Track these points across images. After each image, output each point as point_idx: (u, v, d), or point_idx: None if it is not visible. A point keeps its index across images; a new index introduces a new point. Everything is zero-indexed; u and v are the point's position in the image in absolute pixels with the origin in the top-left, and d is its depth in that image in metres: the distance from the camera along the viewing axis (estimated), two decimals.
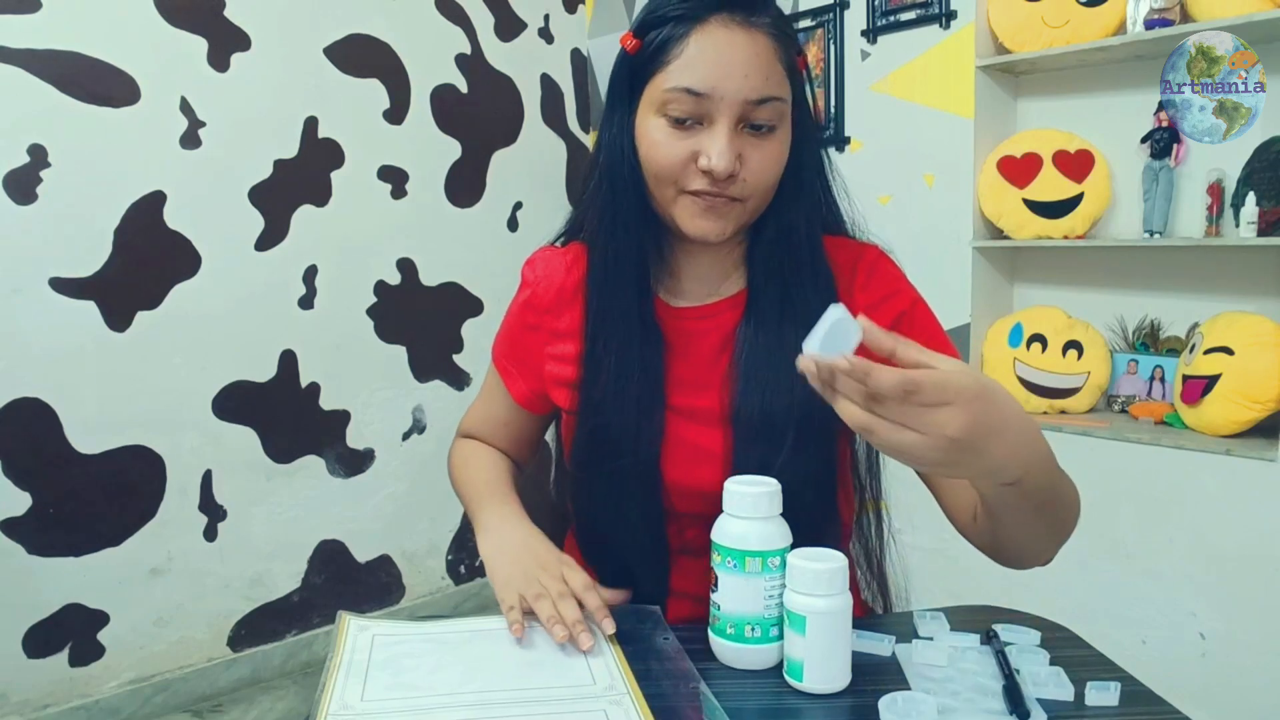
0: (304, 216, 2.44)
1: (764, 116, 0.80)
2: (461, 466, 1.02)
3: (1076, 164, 2.14)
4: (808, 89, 0.87)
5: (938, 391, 0.56)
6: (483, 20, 2.82)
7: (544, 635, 0.77)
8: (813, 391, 0.78)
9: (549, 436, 1.07)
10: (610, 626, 0.76)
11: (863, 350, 0.59)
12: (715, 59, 0.78)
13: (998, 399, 0.61)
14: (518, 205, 2.94)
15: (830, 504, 0.90)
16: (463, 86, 2.78)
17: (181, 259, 2.24)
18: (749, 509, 0.72)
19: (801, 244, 0.87)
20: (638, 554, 0.89)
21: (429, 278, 2.73)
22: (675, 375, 0.88)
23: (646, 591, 0.88)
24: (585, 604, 0.77)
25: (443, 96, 2.72)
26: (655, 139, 0.81)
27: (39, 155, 2.01)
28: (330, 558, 2.54)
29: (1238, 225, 1.88)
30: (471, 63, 2.80)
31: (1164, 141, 2.02)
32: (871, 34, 2.41)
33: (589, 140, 3.16)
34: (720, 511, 0.75)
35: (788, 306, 0.86)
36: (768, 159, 0.82)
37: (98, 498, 2.12)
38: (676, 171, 0.81)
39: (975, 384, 0.58)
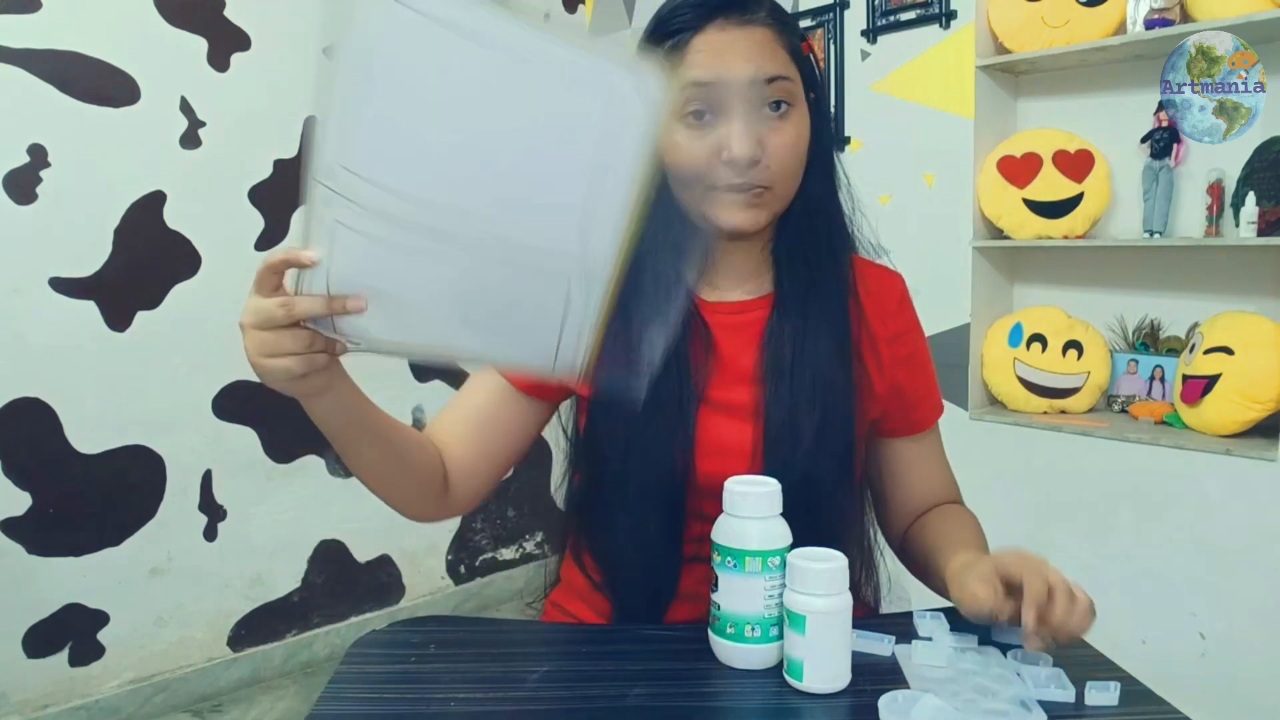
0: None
1: (776, 93, 0.82)
2: None
3: (1076, 164, 2.14)
4: (818, 76, 0.89)
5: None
6: None
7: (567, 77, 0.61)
8: (837, 392, 0.88)
9: (551, 441, 1.03)
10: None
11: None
12: (718, 51, 0.81)
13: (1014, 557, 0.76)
14: None
15: (847, 503, 0.91)
16: None
17: (181, 259, 2.24)
18: (749, 509, 0.72)
19: (824, 232, 0.89)
20: (653, 554, 0.87)
21: None
22: (711, 369, 0.89)
23: (654, 596, 0.88)
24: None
25: None
26: (675, 142, 0.82)
27: (39, 155, 2.01)
28: (330, 558, 2.54)
29: (1238, 225, 1.88)
30: None
31: (1164, 141, 2.02)
32: (871, 34, 2.41)
33: None
34: None
35: (812, 302, 0.88)
36: (787, 140, 0.83)
37: (98, 498, 2.12)
38: (702, 170, 0.82)
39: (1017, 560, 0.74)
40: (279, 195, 2.39)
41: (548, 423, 0.95)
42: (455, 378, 2.80)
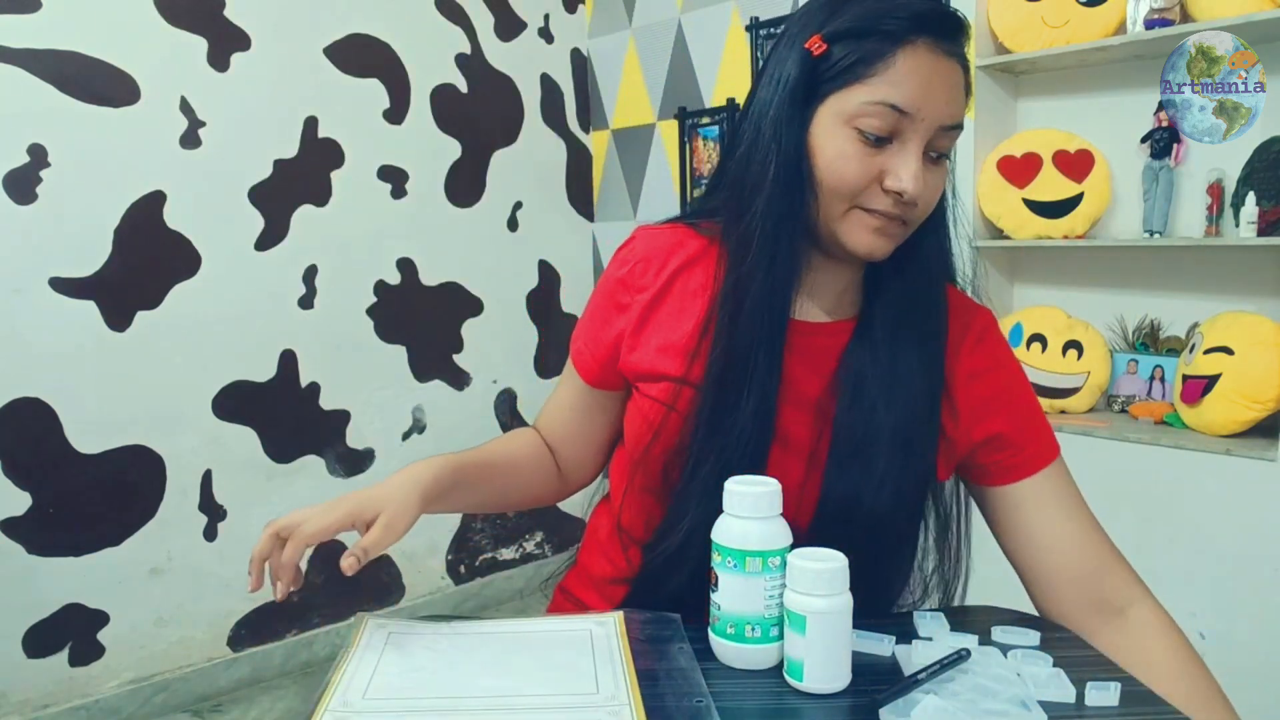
0: (304, 216, 2.44)
1: (947, 143, 0.80)
2: None
3: (1076, 164, 2.14)
4: None
5: None
6: (483, 20, 2.82)
7: (557, 638, 0.77)
8: (917, 436, 0.84)
9: None
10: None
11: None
12: (924, 80, 0.77)
13: None
14: (518, 205, 2.94)
15: (911, 536, 0.90)
16: (463, 86, 2.78)
17: (181, 259, 2.24)
18: (749, 509, 0.72)
19: (929, 275, 0.87)
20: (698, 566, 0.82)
21: (429, 278, 2.73)
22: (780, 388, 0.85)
23: (698, 603, 0.84)
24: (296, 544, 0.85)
25: (443, 96, 2.72)
26: (845, 152, 0.78)
27: (39, 155, 2.01)
28: (330, 558, 2.53)
29: (1238, 225, 1.88)
30: (471, 63, 2.80)
31: (1164, 141, 2.02)
32: None
33: (589, 140, 3.16)
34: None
35: (902, 332, 0.84)
36: (937, 185, 0.82)
37: (98, 498, 2.12)
38: (860, 189, 0.79)
39: None
40: (279, 195, 2.39)
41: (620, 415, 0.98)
42: (455, 378, 2.80)
